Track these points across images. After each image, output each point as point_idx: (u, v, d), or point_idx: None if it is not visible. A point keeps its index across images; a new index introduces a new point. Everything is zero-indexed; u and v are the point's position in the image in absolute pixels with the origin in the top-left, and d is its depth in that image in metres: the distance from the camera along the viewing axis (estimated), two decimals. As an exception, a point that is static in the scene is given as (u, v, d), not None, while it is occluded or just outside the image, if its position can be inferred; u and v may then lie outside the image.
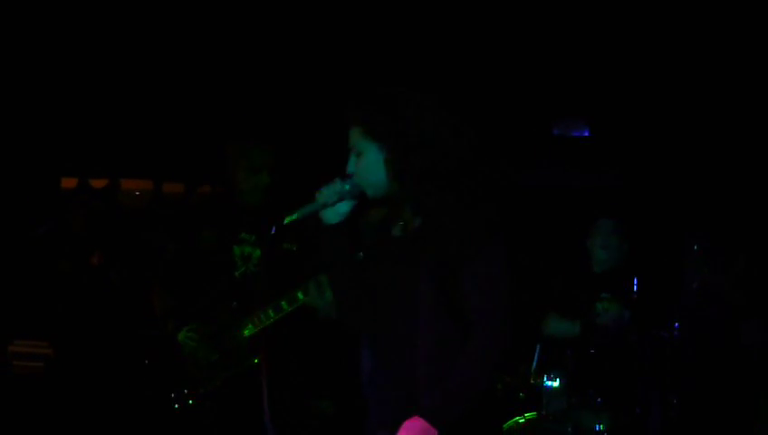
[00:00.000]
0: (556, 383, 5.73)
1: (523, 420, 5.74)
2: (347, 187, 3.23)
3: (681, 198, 7.32)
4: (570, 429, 5.51)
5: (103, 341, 7.28)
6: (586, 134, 7.52)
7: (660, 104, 7.15)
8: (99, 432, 6.65)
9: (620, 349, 5.68)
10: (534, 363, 6.01)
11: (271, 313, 4.72)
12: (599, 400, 5.54)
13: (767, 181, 7.00)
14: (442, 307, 3.14)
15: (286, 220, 3.20)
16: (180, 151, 8.05)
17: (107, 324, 7.63)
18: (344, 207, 3.26)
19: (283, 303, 4.69)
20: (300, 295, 4.65)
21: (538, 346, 6.05)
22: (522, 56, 6.79)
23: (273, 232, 4.04)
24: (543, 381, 5.77)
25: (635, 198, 7.45)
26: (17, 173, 7.88)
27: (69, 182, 8.37)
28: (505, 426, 5.68)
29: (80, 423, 6.66)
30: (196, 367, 4.86)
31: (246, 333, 4.77)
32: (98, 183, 8.43)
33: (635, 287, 5.74)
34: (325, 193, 3.22)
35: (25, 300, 7.40)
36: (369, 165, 3.23)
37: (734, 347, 5.98)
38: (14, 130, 7.74)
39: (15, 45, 6.94)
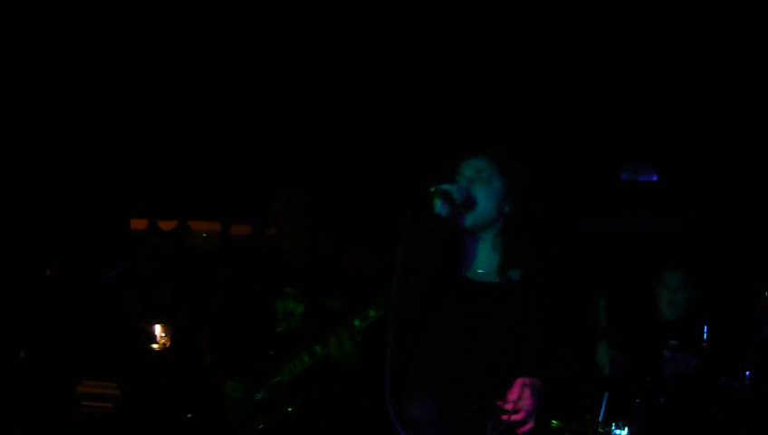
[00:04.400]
0: (624, 432, 5.66)
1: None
2: (462, 194, 3.44)
3: (750, 243, 7.24)
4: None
5: (171, 381, 7.33)
6: (654, 179, 7.47)
7: (727, 150, 7.09)
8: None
9: (690, 398, 5.61)
10: (602, 411, 5.94)
11: (305, 357, 4.69)
12: (668, 449, 5.49)
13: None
14: (542, 344, 3.48)
15: (431, 189, 3.35)
16: (248, 194, 8.12)
17: (174, 365, 7.70)
18: (443, 209, 3.43)
19: (304, 356, 4.69)
20: (318, 349, 4.64)
21: (606, 394, 5.99)
22: (591, 102, 6.78)
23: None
24: (612, 430, 5.70)
25: (703, 243, 7.38)
26: (87, 214, 7.98)
27: (138, 223, 8.47)
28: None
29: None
30: (236, 416, 4.82)
31: (283, 379, 4.72)
32: (167, 225, 8.52)
33: (704, 335, 5.69)
34: (455, 188, 3.43)
35: (94, 341, 7.48)
36: (493, 193, 3.53)
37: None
38: (85, 171, 7.85)
39: (86, 89, 7.04)
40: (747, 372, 5.50)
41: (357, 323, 4.55)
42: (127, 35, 6.37)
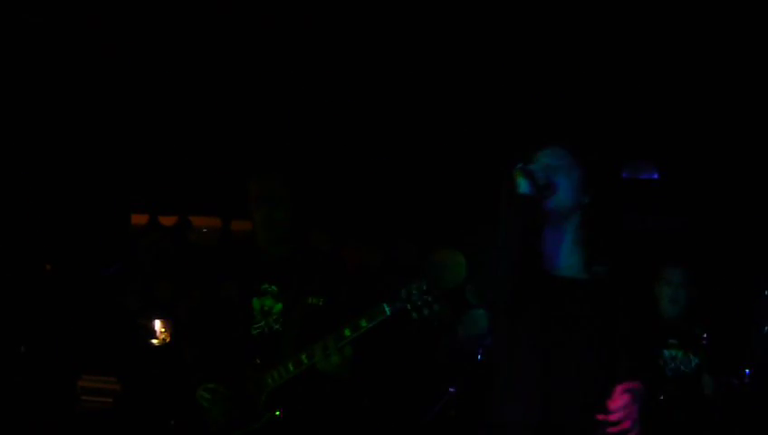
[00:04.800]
0: (624, 430, 5.66)
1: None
2: (544, 175, 3.39)
3: (750, 241, 7.25)
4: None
5: (170, 376, 7.34)
6: (655, 177, 7.48)
7: (728, 148, 7.10)
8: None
9: (690, 396, 5.62)
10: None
11: (291, 367, 4.40)
12: (668, 447, 5.49)
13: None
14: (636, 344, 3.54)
15: (518, 165, 3.35)
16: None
17: (174, 360, 7.70)
18: (527, 188, 3.38)
19: (289, 365, 4.39)
20: (304, 359, 4.34)
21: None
22: (592, 99, 6.78)
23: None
24: (611, 428, 5.70)
25: (703, 241, 7.39)
26: (88, 209, 7.98)
27: (139, 219, 8.47)
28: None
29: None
30: (213, 423, 4.63)
31: (266, 388, 4.52)
32: (167, 220, 8.52)
33: (705, 334, 5.69)
34: (538, 168, 3.39)
35: (94, 336, 7.49)
36: (572, 182, 3.48)
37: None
38: (85, 167, 7.85)
39: (87, 84, 7.04)
40: (747, 371, 5.50)
41: (347, 332, 4.25)
42: (126, 31, 6.38)
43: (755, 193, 7.25)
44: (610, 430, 3.23)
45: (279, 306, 4.58)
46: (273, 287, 4.60)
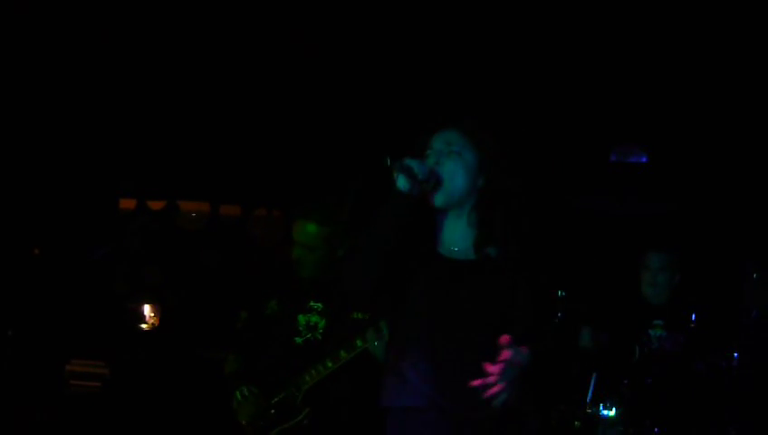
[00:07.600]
0: (612, 413, 5.68)
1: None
2: (424, 170, 3.33)
3: (739, 225, 7.26)
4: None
5: (158, 360, 7.35)
6: (643, 161, 7.48)
7: (718, 130, 7.10)
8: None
9: (677, 378, 5.63)
10: (590, 392, 5.96)
11: (329, 363, 4.58)
12: (656, 430, 5.50)
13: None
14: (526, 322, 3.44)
15: (388, 162, 3.31)
16: (237, 174, 8.11)
17: (162, 344, 7.71)
18: (405, 184, 3.32)
19: (341, 352, 4.56)
20: (359, 342, 4.50)
21: (594, 374, 6.01)
22: (581, 81, 6.78)
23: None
24: (599, 411, 5.72)
25: (692, 225, 7.39)
26: (76, 193, 7.96)
27: (127, 203, 8.46)
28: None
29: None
30: (247, 423, 4.72)
31: (304, 386, 4.63)
32: (155, 205, 8.51)
33: (692, 317, 5.71)
34: (416, 163, 3.32)
35: (82, 320, 7.48)
36: (464, 166, 3.44)
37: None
38: (73, 151, 7.83)
39: (76, 71, 7.02)
40: (735, 354, 5.52)
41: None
42: (115, 18, 6.36)
43: (745, 177, 7.26)
44: (485, 393, 3.19)
45: (323, 322, 4.74)
46: (319, 305, 4.76)
